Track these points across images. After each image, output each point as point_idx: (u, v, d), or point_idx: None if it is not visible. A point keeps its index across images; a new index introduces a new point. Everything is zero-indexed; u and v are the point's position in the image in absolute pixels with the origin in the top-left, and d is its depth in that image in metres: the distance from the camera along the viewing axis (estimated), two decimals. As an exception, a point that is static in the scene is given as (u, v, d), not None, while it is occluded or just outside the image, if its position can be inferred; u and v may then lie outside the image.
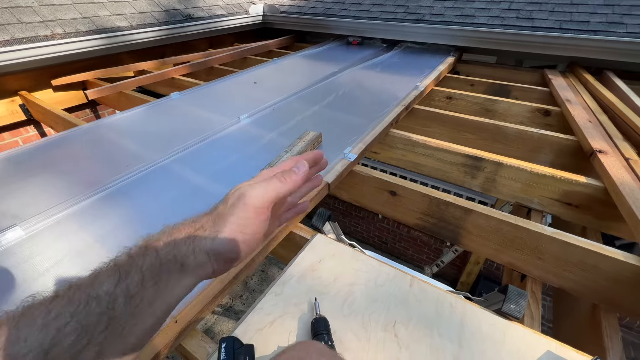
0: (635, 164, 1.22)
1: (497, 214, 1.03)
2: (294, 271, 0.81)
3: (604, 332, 0.89)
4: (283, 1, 3.57)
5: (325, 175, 1.15)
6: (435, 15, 2.69)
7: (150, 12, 2.58)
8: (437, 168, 1.49)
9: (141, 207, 1.01)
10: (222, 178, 1.15)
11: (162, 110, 1.68)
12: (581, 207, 1.22)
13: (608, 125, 1.53)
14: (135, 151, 1.29)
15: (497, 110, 1.99)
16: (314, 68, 2.46)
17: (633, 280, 0.88)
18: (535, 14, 2.39)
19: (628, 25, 2.08)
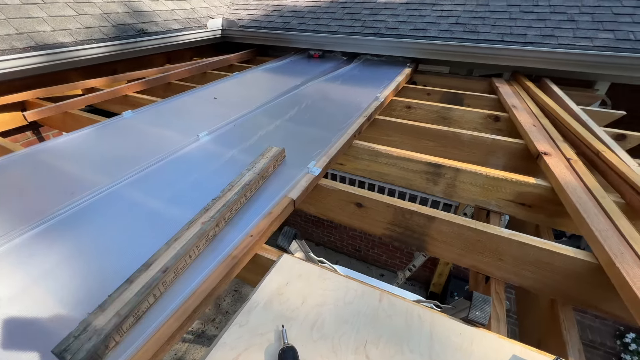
0: (575, 163, 1.33)
1: (459, 220, 1.06)
2: (259, 297, 0.77)
3: (562, 325, 0.94)
4: (242, 15, 3.55)
5: (290, 191, 1.12)
6: (390, 29, 2.81)
7: (98, 27, 2.44)
8: (400, 176, 1.52)
9: (88, 240, 0.91)
10: (180, 201, 1.08)
11: (114, 130, 1.57)
12: (534, 207, 1.30)
13: (550, 128, 1.67)
14: (82, 177, 1.18)
15: (452, 118, 2.10)
16: (276, 81, 2.45)
17: (582, 274, 0.94)
18: (480, 27, 2.58)
19: (559, 37, 2.31)
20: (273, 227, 1.00)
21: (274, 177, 1.21)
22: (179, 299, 0.73)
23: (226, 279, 0.82)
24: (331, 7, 3.33)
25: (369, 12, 3.11)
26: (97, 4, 2.59)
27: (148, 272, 0.74)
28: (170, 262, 0.76)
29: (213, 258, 0.84)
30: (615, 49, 2.13)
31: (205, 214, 0.93)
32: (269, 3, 3.67)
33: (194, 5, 3.39)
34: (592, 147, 1.41)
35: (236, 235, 0.92)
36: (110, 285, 0.76)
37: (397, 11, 3.03)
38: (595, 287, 0.92)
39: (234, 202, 0.98)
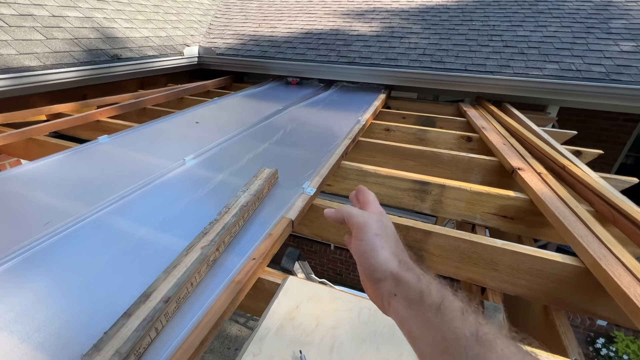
0: (546, 177, 1.45)
1: (454, 233, 1.10)
2: (269, 323, 0.73)
3: (559, 330, 0.98)
4: (219, 44, 3.60)
5: (287, 212, 1.10)
6: (364, 59, 2.99)
7: (68, 51, 2.35)
8: (389, 195, 1.56)
9: (70, 274, 0.82)
10: (171, 227, 1.02)
11: (89, 156, 1.48)
12: (515, 219, 1.38)
13: (518, 146, 1.82)
14: (58, 205, 1.08)
15: (428, 139, 2.22)
16: (257, 107, 2.47)
17: (571, 278, 0.99)
18: (445, 58, 2.83)
19: (514, 67, 2.59)
20: (274, 249, 0.96)
21: (269, 199, 1.19)
22: (184, 331, 0.66)
23: (231, 306, 0.76)
24: (306, 38, 3.50)
25: (342, 43, 3.30)
26: (67, 29, 2.51)
27: (148, 303, 0.67)
28: (172, 290, 0.71)
29: (216, 284, 0.79)
30: (561, 77, 2.42)
31: (204, 237, 0.88)
32: (245, 32, 3.78)
33: (169, 33, 3.40)
34: (558, 162, 1.55)
35: (238, 259, 0.87)
36: (100, 323, 0.68)
37: (368, 42, 3.24)
38: (585, 290, 0.98)
39: (232, 225, 0.94)
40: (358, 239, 0.41)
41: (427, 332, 0.32)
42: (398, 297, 0.35)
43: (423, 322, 0.32)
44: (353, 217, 0.43)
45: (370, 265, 0.39)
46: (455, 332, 0.30)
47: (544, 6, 3.45)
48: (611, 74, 2.37)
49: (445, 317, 0.31)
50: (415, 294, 0.34)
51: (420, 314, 0.33)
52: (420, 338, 0.33)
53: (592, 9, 3.26)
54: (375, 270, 0.38)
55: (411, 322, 0.34)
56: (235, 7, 4.58)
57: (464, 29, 3.24)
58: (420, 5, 3.84)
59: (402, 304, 0.35)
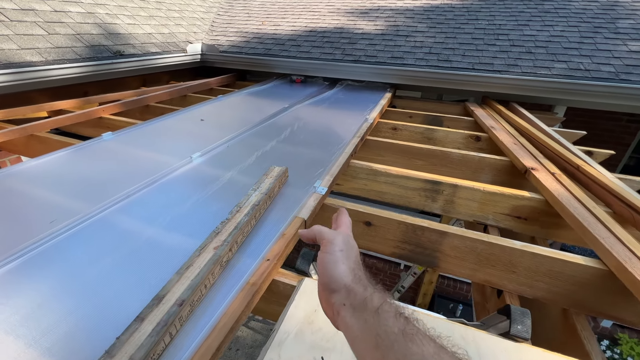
0: (560, 177, 1.42)
1: (471, 234, 1.07)
2: (287, 328, 0.70)
3: (581, 335, 0.95)
4: (222, 41, 3.57)
5: (299, 211, 1.07)
6: (370, 57, 2.96)
7: (70, 47, 2.31)
8: (399, 195, 1.53)
9: (77, 275, 0.79)
10: (180, 227, 0.98)
11: (93, 153, 1.44)
12: (529, 219, 1.35)
13: (528, 146, 1.79)
14: (63, 203, 1.05)
15: (436, 138, 2.19)
16: (262, 105, 2.44)
17: (593, 281, 0.96)
18: (452, 57, 2.80)
19: (522, 66, 2.56)
20: (288, 249, 0.93)
21: (280, 198, 1.16)
22: (199, 336, 0.63)
23: (247, 309, 0.73)
24: (310, 36, 3.46)
25: (347, 41, 3.27)
26: (69, 24, 2.47)
27: (161, 306, 0.64)
28: (186, 293, 0.67)
29: (230, 286, 0.75)
30: (570, 77, 2.40)
31: (216, 237, 0.84)
32: (249, 30, 3.74)
33: (172, 30, 3.36)
34: (572, 162, 1.52)
35: (252, 260, 0.84)
36: (110, 327, 0.65)
37: (374, 41, 3.21)
38: (607, 293, 0.95)
39: (245, 224, 0.91)
40: (325, 252, 0.46)
41: (365, 332, 0.36)
42: (347, 306, 0.40)
43: (363, 324, 0.37)
44: (324, 233, 0.50)
45: (330, 276, 0.43)
46: (387, 329, 0.34)
47: (549, 5, 3.43)
48: (620, 73, 2.35)
49: (380, 318, 0.36)
50: (361, 301, 0.39)
51: (362, 318, 0.37)
52: (359, 338, 0.37)
53: (599, 8, 3.24)
54: (333, 282, 0.43)
55: (355, 327, 0.38)
56: (238, 5, 4.55)
57: (469, 27, 3.21)
58: (425, 4, 3.81)
59: (349, 312, 0.39)
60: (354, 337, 0.38)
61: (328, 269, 0.44)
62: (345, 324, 0.39)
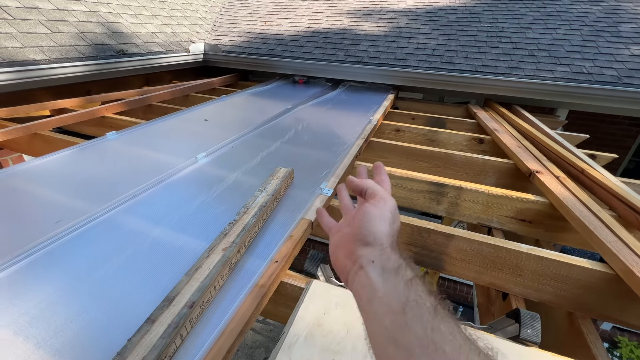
0: (565, 180, 1.42)
1: (478, 237, 1.07)
2: (297, 330, 0.69)
3: (587, 339, 0.95)
4: (224, 41, 3.56)
5: (306, 213, 1.07)
6: (372, 58, 2.96)
7: (74, 45, 2.30)
8: (404, 197, 1.53)
9: (84, 276, 0.78)
10: (186, 227, 0.98)
11: (98, 152, 1.44)
12: (534, 222, 1.35)
13: (532, 149, 1.79)
14: (69, 203, 1.05)
15: (440, 140, 2.19)
16: (265, 105, 2.44)
17: (600, 285, 0.97)
18: (455, 59, 2.80)
19: (525, 69, 2.56)
20: (295, 251, 0.93)
21: (286, 199, 1.16)
22: (210, 338, 0.63)
23: (256, 311, 0.73)
24: (313, 37, 3.46)
25: (350, 43, 3.27)
26: (73, 23, 2.46)
27: (171, 308, 0.64)
28: (196, 295, 0.67)
29: (239, 288, 0.75)
30: (574, 80, 2.40)
31: (225, 239, 0.84)
32: (251, 30, 3.74)
33: (175, 30, 3.35)
34: (576, 166, 1.52)
35: (260, 261, 0.84)
36: (120, 328, 0.65)
37: (376, 42, 3.21)
38: (614, 297, 0.95)
39: (252, 226, 0.91)
40: (373, 205, 0.44)
41: (391, 295, 0.34)
42: (375, 264, 0.38)
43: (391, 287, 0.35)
44: (377, 190, 0.47)
45: (369, 229, 0.42)
46: (418, 300, 0.33)
47: (552, 9, 3.44)
48: (623, 77, 2.35)
49: (412, 288, 0.34)
50: (394, 266, 0.38)
51: (390, 281, 0.36)
52: (381, 299, 0.35)
53: (601, 12, 3.25)
54: (370, 235, 0.41)
55: (379, 286, 0.36)
56: (240, 5, 4.54)
57: (472, 30, 3.22)
58: (427, 6, 3.82)
59: (377, 270, 0.38)
60: (374, 296, 0.35)
61: (371, 222, 0.42)
62: (368, 279, 0.37)
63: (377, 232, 0.41)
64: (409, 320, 0.31)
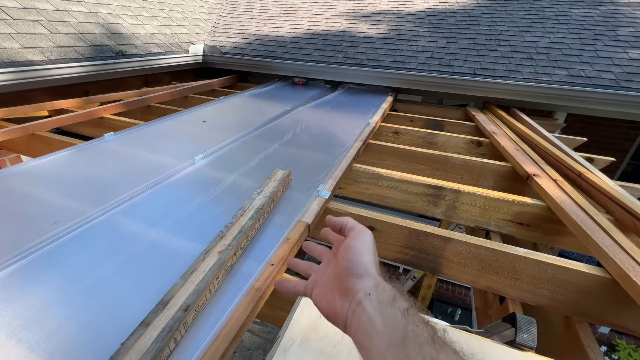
0: (562, 184, 1.42)
1: (475, 240, 1.07)
2: (292, 334, 0.69)
3: (584, 343, 0.95)
4: (224, 43, 3.57)
5: (303, 215, 1.07)
6: (371, 61, 2.97)
7: (73, 46, 2.30)
8: (401, 199, 1.53)
9: (80, 278, 0.78)
10: (183, 230, 0.98)
11: (95, 153, 1.43)
12: (531, 226, 1.35)
13: (530, 152, 1.80)
14: (65, 204, 1.04)
15: (438, 143, 2.20)
16: (264, 107, 2.44)
17: (596, 289, 0.97)
18: (454, 62, 2.81)
19: (523, 72, 2.57)
20: (292, 254, 0.93)
21: (283, 202, 1.16)
22: (204, 342, 0.63)
23: (252, 315, 0.73)
24: (313, 39, 3.47)
25: (349, 45, 3.27)
26: (72, 23, 2.46)
27: (166, 312, 0.64)
28: (191, 298, 0.67)
29: (235, 291, 0.75)
30: (572, 83, 2.41)
31: (221, 241, 0.84)
32: (251, 32, 3.75)
33: (174, 31, 3.36)
34: (574, 169, 1.52)
35: (256, 264, 0.84)
36: (114, 332, 0.65)
37: (375, 45, 3.22)
38: (610, 301, 0.95)
39: (249, 228, 0.91)
40: (355, 238, 0.45)
41: (391, 328, 0.35)
42: (372, 297, 0.38)
43: (389, 320, 0.35)
44: (356, 223, 0.49)
45: (357, 261, 0.42)
46: (416, 331, 0.34)
47: (550, 12, 3.45)
48: (621, 81, 2.36)
49: (409, 319, 0.35)
50: (390, 297, 0.38)
51: (388, 313, 0.36)
52: (382, 333, 0.35)
53: (599, 16, 3.27)
54: (360, 267, 0.42)
55: (378, 321, 0.36)
56: (240, 6, 4.55)
57: (471, 33, 3.23)
58: (426, 9, 3.83)
59: (373, 304, 0.37)
60: (373, 331, 0.35)
61: (357, 253, 0.43)
62: (366, 315, 0.37)
63: (365, 262, 0.42)
64: (410, 353, 0.32)
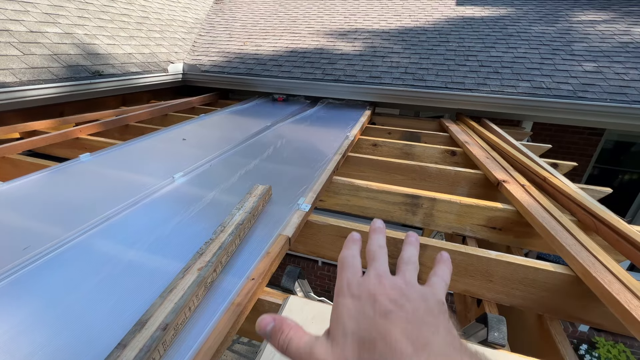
0: (530, 189, 1.51)
1: (450, 245, 1.11)
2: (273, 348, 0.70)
3: (555, 339, 0.99)
4: (203, 61, 3.60)
5: (283, 229, 1.09)
6: (349, 76, 3.08)
7: (47, 67, 2.27)
8: (381, 209, 1.57)
9: (53, 303, 0.76)
10: (163, 249, 0.97)
11: (70, 175, 1.41)
12: (503, 229, 1.42)
13: (500, 160, 1.90)
14: (37, 229, 1.01)
15: (415, 153, 2.28)
16: (245, 123, 2.46)
17: (563, 286, 1.02)
18: (426, 76, 2.96)
19: (491, 85, 2.74)
20: (273, 267, 0.94)
21: (264, 216, 1.17)
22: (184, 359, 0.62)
23: (232, 330, 0.73)
24: (292, 56, 3.56)
25: (327, 62, 3.39)
26: (46, 44, 2.44)
27: (144, 332, 0.63)
28: (170, 317, 0.67)
29: (215, 308, 0.75)
30: (534, 94, 2.58)
31: (200, 258, 0.84)
32: (230, 50, 3.81)
33: (153, 50, 3.37)
34: (539, 174, 1.62)
35: (236, 279, 0.84)
36: (90, 357, 0.63)
37: (352, 61, 3.35)
38: (576, 298, 1.01)
39: (229, 244, 0.91)
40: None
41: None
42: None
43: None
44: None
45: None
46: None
47: (512, 29, 3.71)
48: (578, 91, 2.56)
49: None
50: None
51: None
52: None
53: (556, 32, 3.54)
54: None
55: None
56: (219, 26, 4.63)
57: (441, 49, 3.42)
58: (399, 27, 4.03)
59: None
60: None
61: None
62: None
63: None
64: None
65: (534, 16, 3.98)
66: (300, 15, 4.68)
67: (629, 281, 0.89)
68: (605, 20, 3.67)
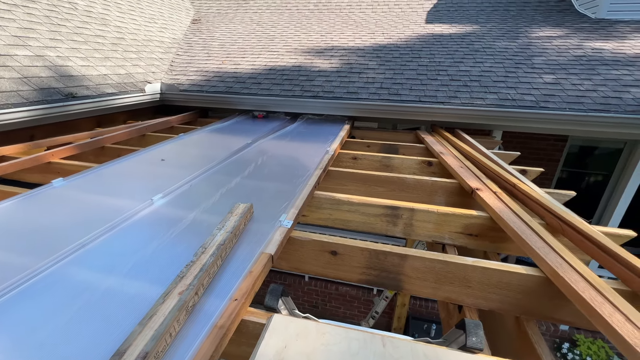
0: (501, 195, 1.59)
1: (429, 254, 1.15)
2: None
3: (532, 340, 1.04)
4: (182, 80, 3.60)
5: (266, 247, 1.09)
6: (327, 92, 3.16)
7: (16, 91, 2.21)
8: (363, 222, 1.60)
9: (22, 339, 0.73)
10: (142, 273, 0.95)
11: (42, 202, 1.36)
12: (479, 236, 1.48)
13: (473, 168, 1.99)
14: (7, 260, 0.97)
15: (393, 165, 2.35)
16: (225, 141, 2.47)
17: (534, 288, 1.08)
18: (401, 91, 3.08)
19: (461, 98, 2.89)
20: (256, 287, 0.94)
21: (246, 235, 1.17)
22: (166, 389, 0.61)
23: (215, 354, 0.72)
24: (270, 74, 3.63)
25: (305, 78, 3.47)
26: (15, 68, 2.37)
27: (123, 362, 0.62)
28: (149, 345, 0.65)
29: (197, 332, 0.74)
30: (501, 105, 2.75)
31: (181, 282, 0.83)
32: (209, 69, 3.83)
33: (129, 71, 3.34)
34: (509, 181, 1.72)
35: (219, 301, 0.84)
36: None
37: (330, 77, 3.45)
38: (548, 298, 1.06)
39: (210, 265, 0.91)
40: None
41: None
42: None
43: None
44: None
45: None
46: None
47: (478, 45, 3.96)
48: (540, 102, 2.74)
49: None
50: None
51: None
52: None
53: (517, 47, 3.81)
54: None
55: None
56: (197, 45, 4.66)
57: (414, 64, 3.59)
58: (374, 44, 4.21)
59: None
60: None
61: None
62: None
63: None
64: None
65: (497, 32, 4.27)
66: (277, 34, 4.79)
67: (593, 279, 0.95)
68: (560, 36, 3.99)
